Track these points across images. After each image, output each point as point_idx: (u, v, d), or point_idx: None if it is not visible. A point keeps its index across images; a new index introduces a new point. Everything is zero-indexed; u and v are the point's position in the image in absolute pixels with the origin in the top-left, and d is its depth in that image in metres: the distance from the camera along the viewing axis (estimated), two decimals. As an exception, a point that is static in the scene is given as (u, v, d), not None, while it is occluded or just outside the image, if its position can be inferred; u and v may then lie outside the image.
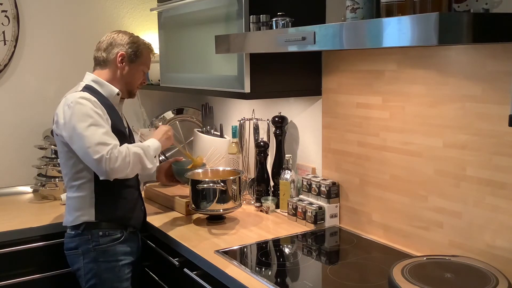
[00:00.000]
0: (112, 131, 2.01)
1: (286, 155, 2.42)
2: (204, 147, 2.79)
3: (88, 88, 2.06)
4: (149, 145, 2.07)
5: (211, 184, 2.24)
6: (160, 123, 2.26)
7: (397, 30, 1.31)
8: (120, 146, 1.97)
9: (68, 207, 2.09)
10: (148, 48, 2.19)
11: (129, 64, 2.13)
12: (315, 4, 2.17)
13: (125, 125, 2.19)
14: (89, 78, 2.11)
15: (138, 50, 2.14)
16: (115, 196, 2.08)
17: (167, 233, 2.16)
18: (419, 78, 1.85)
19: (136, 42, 2.14)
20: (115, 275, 2.06)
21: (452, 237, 1.79)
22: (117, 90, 2.11)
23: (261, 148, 2.50)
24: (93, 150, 1.89)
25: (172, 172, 2.45)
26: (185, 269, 1.97)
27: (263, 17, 1.98)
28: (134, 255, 2.14)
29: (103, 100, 2.05)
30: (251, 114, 2.68)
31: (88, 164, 1.95)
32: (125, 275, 2.08)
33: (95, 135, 1.91)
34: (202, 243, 2.04)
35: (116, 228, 2.08)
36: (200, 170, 2.43)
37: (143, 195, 2.69)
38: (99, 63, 2.13)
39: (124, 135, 2.11)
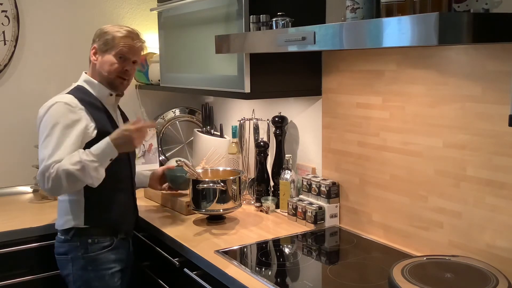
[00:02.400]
0: (99, 134, 1.94)
1: (286, 155, 2.42)
2: (204, 147, 2.79)
3: (78, 89, 2.02)
4: (93, 158, 1.86)
5: (211, 184, 2.24)
6: (181, 161, 2.25)
7: (397, 30, 1.32)
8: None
9: (59, 210, 2.06)
10: (117, 32, 2.03)
11: (102, 55, 2.03)
12: (315, 4, 2.17)
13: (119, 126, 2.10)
14: (82, 78, 2.07)
15: (107, 39, 2.02)
16: (106, 200, 2.03)
17: (167, 233, 2.16)
18: (419, 78, 1.85)
19: (106, 32, 2.03)
20: (105, 284, 2.03)
21: (452, 237, 1.79)
22: (108, 91, 2.05)
23: (261, 148, 2.50)
24: (39, 166, 1.88)
25: (165, 179, 2.43)
26: (185, 269, 1.97)
27: (263, 17, 1.98)
28: (123, 262, 2.10)
29: (91, 102, 1.99)
30: (251, 114, 2.68)
31: None
32: (114, 283, 2.06)
33: (45, 149, 1.87)
34: (202, 243, 2.04)
35: (106, 234, 2.03)
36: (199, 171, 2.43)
37: (142, 195, 2.70)
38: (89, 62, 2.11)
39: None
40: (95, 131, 1.95)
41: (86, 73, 2.10)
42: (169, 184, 2.44)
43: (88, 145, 1.92)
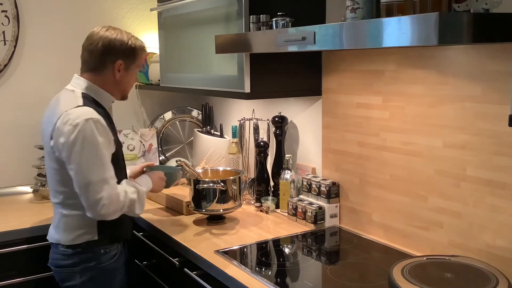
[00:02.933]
0: (116, 146, 1.93)
1: (286, 155, 2.42)
2: (204, 147, 2.79)
3: (88, 100, 1.92)
4: (144, 191, 1.99)
5: (211, 184, 2.24)
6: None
7: (397, 30, 1.32)
8: (118, 183, 1.89)
9: (64, 225, 1.94)
10: (143, 50, 2.05)
11: (126, 71, 1.99)
12: (315, 4, 2.17)
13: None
14: (83, 85, 1.95)
15: (135, 57, 2.00)
16: None
17: (167, 233, 2.16)
18: (419, 78, 1.85)
19: (134, 48, 1.98)
20: None
21: (452, 237, 1.79)
22: (113, 99, 2.02)
23: (261, 148, 2.50)
24: (93, 189, 1.80)
25: None
26: (185, 269, 1.97)
27: (263, 17, 1.98)
28: (123, 268, 2.08)
29: (104, 113, 1.94)
30: (251, 114, 2.68)
31: (81, 196, 1.83)
32: None
33: (99, 171, 1.81)
34: (202, 243, 2.04)
35: (113, 243, 2.01)
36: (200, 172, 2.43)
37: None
38: (93, 69, 1.96)
39: (120, 145, 2.02)
40: (115, 145, 1.93)
41: (81, 76, 1.98)
42: None
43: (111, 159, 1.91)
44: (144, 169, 2.27)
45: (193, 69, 2.56)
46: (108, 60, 1.95)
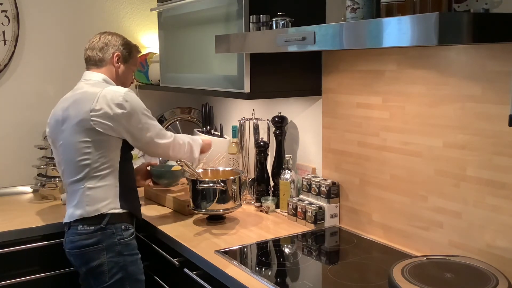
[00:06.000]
0: None
1: (286, 155, 2.42)
2: (204, 147, 2.79)
3: (108, 83, 2.12)
4: (198, 142, 2.32)
5: (211, 184, 2.24)
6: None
7: (397, 30, 1.32)
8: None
9: (88, 199, 2.00)
10: (137, 49, 2.29)
11: (124, 64, 2.19)
12: (315, 4, 2.17)
13: None
14: (99, 77, 2.12)
15: (131, 51, 2.22)
16: (131, 189, 2.14)
17: (167, 233, 2.16)
18: (419, 78, 1.85)
19: (129, 44, 2.22)
20: (138, 268, 2.07)
21: (452, 237, 1.79)
22: None
23: (261, 148, 2.50)
24: (160, 139, 2.11)
25: (150, 175, 2.55)
26: (185, 269, 1.97)
27: (263, 17, 1.98)
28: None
29: None
30: (251, 114, 2.68)
31: (149, 150, 2.15)
32: (142, 268, 2.11)
33: (156, 123, 2.11)
34: (202, 243, 2.04)
35: (132, 222, 2.11)
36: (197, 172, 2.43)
37: (142, 195, 2.71)
38: (95, 63, 2.15)
39: None
40: None
41: (91, 72, 2.15)
42: (153, 180, 2.56)
43: None
44: (148, 167, 2.51)
45: (193, 69, 2.56)
46: (107, 52, 2.16)
